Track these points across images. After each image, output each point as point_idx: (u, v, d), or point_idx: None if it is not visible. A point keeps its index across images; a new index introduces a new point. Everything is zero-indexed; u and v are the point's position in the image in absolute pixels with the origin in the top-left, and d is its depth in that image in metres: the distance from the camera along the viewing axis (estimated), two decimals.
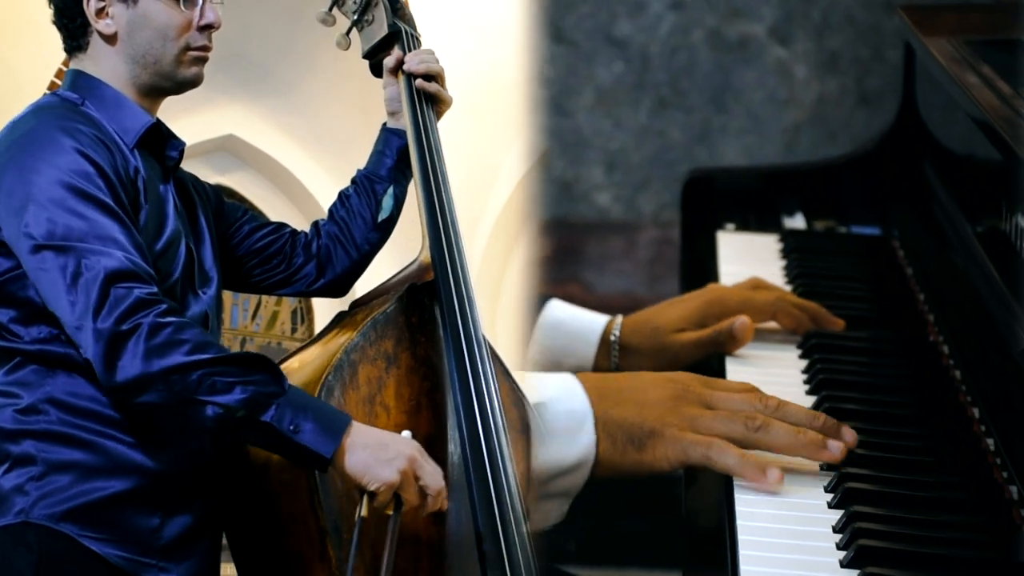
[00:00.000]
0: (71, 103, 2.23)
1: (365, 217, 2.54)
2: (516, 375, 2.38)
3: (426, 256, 2.35)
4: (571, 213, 4.39)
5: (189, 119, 5.52)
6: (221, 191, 2.55)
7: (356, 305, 2.36)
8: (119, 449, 2.14)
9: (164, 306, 2.03)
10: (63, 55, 2.34)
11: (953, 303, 2.52)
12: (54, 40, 2.34)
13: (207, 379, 2.00)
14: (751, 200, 3.24)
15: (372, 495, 2.04)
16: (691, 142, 4.27)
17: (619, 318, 2.65)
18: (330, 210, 2.57)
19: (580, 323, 2.68)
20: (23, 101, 2.35)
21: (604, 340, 2.63)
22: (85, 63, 2.27)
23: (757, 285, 2.66)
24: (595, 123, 4.32)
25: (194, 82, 2.29)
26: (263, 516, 2.17)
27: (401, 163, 2.53)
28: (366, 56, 2.56)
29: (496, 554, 2.11)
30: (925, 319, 2.60)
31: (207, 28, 2.27)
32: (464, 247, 2.42)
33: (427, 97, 2.48)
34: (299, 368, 2.21)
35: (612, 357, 2.62)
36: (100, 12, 2.24)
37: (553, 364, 2.65)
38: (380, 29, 2.54)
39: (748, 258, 2.96)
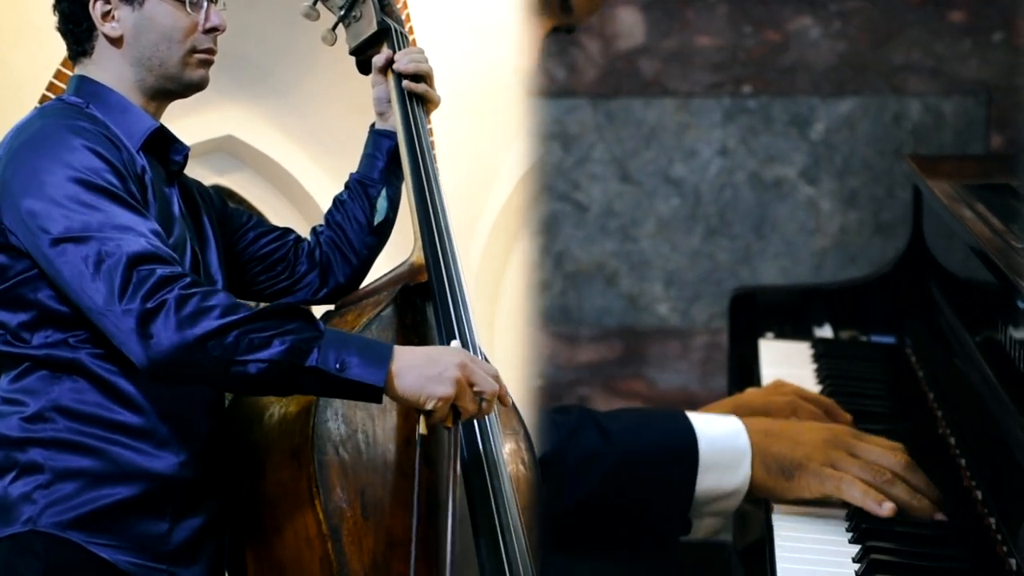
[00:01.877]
0: (76, 106, 1.94)
1: (360, 221, 2.20)
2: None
3: (418, 257, 2.02)
4: (636, 322, 4.39)
5: (188, 120, 4.72)
6: (225, 196, 2.23)
7: (344, 305, 2.07)
8: (126, 455, 1.86)
9: (188, 279, 1.76)
10: (62, 57, 2.11)
11: (958, 402, 2.50)
12: (53, 42, 2.05)
13: (244, 338, 1.72)
14: (787, 313, 3.23)
15: (429, 413, 1.77)
16: (736, 264, 4.27)
17: None
18: (326, 216, 2.24)
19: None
20: (22, 102, 2.16)
21: None
22: (90, 68, 1.98)
23: (779, 386, 2.65)
24: (656, 248, 4.33)
25: (200, 85, 2.01)
26: (260, 519, 1.90)
27: (392, 164, 2.18)
28: (353, 52, 2.21)
29: (494, 556, 1.86)
30: (935, 415, 2.58)
31: (212, 31, 1.99)
32: (457, 248, 2.05)
33: (416, 97, 2.14)
34: None
35: None
36: (106, 15, 1.94)
37: None
38: (368, 26, 2.17)
39: (785, 362, 2.95)
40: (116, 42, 1.95)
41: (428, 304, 2.01)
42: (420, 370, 1.75)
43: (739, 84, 4.19)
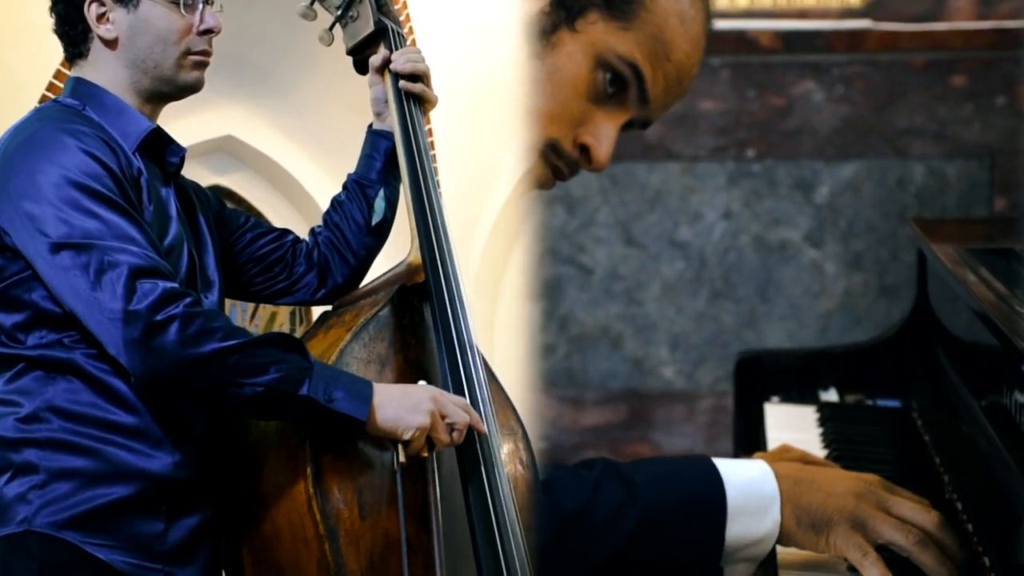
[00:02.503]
0: (72, 108, 1.92)
1: (359, 222, 2.18)
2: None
3: (415, 257, 2.02)
4: (641, 385, 4.39)
5: (187, 120, 4.78)
6: (223, 197, 2.21)
7: (341, 306, 2.07)
8: (120, 455, 1.85)
9: (191, 298, 1.77)
10: (61, 57, 2.03)
11: (964, 466, 2.50)
12: (52, 42, 2.04)
13: (243, 362, 1.75)
14: (792, 377, 3.23)
15: (407, 443, 1.82)
16: (741, 326, 4.28)
17: None
18: (324, 217, 2.23)
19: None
20: (21, 102, 2.11)
21: None
22: (86, 70, 1.96)
23: (785, 451, 2.64)
24: (661, 311, 4.34)
25: (195, 87, 1.99)
26: (257, 521, 1.90)
27: (390, 165, 2.17)
28: (350, 52, 2.20)
29: (491, 556, 1.87)
30: (941, 479, 2.57)
31: (207, 33, 1.98)
32: (454, 248, 2.05)
33: (413, 96, 2.13)
34: None
35: None
36: (101, 17, 1.93)
37: None
38: (365, 26, 2.16)
39: (790, 426, 2.95)
40: (111, 44, 1.95)
41: (425, 304, 2.02)
42: (398, 403, 1.82)
43: (743, 148, 4.22)
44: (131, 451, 1.86)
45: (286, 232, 2.22)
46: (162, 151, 1.98)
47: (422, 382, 1.90)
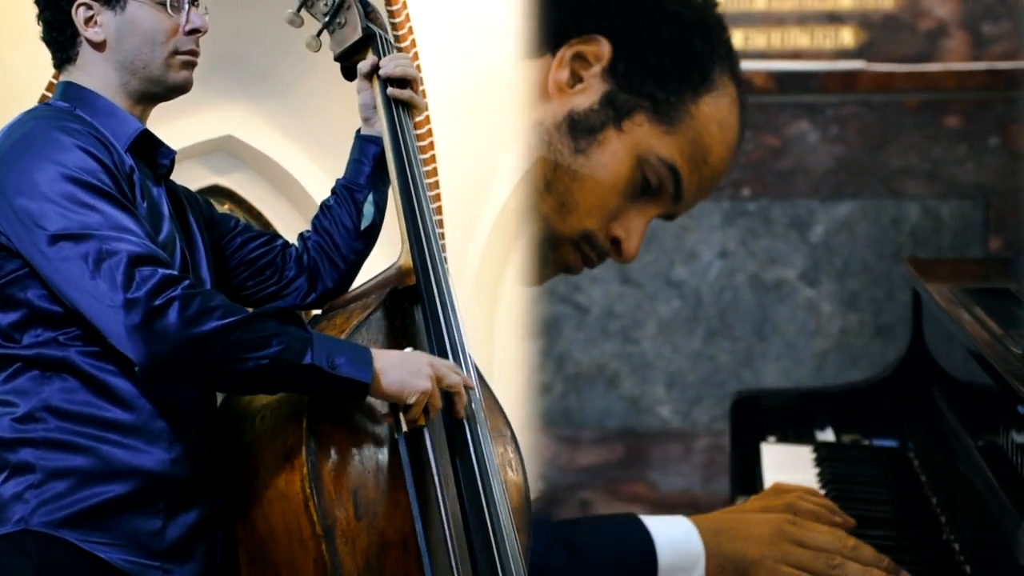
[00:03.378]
0: (63, 109, 1.93)
1: (348, 226, 2.19)
2: None
3: (406, 261, 2.04)
4: (638, 424, 4.39)
5: (187, 120, 4.82)
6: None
7: (332, 309, 2.08)
8: (117, 453, 1.84)
9: (188, 280, 1.79)
10: None
11: (961, 506, 2.50)
12: None
13: (245, 337, 1.77)
14: (789, 417, 3.23)
15: (408, 408, 1.84)
16: (737, 365, 4.29)
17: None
18: (313, 222, 2.24)
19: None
20: (20, 103, 2.09)
21: None
22: (75, 74, 1.97)
23: (779, 490, 2.65)
24: (657, 349, 4.35)
25: (183, 87, 1.99)
26: (253, 520, 1.89)
27: (379, 169, 2.19)
28: (338, 58, 2.21)
29: (486, 554, 1.88)
30: (939, 520, 2.57)
31: (194, 32, 1.98)
32: (442, 251, 2.06)
33: (402, 102, 2.15)
34: None
35: None
36: (88, 20, 1.94)
37: None
38: (353, 32, 2.18)
39: (787, 466, 2.95)
40: (99, 47, 1.96)
41: (416, 307, 2.04)
42: (400, 368, 1.85)
43: (738, 187, 4.24)
44: (127, 449, 1.86)
45: (275, 236, 2.24)
46: (153, 152, 1.99)
47: (408, 348, 1.92)
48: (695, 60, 2.26)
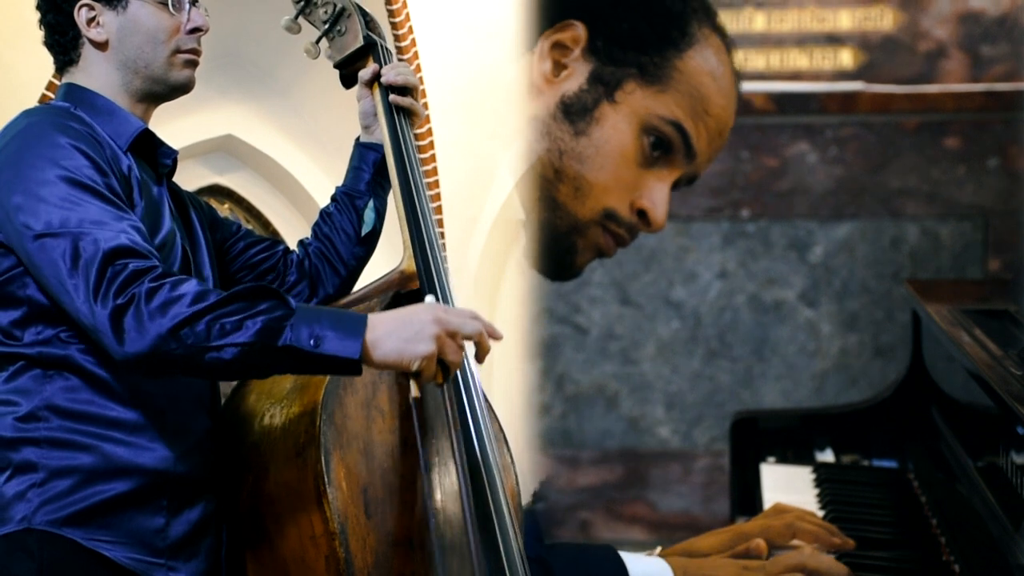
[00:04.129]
0: (62, 108, 1.94)
1: (348, 233, 2.20)
2: None
3: (408, 265, 2.02)
4: (638, 444, 4.39)
5: (187, 119, 4.76)
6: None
7: None
8: (119, 451, 1.83)
9: (158, 270, 1.75)
10: None
11: (960, 527, 2.50)
12: None
13: (215, 324, 1.71)
14: (788, 437, 3.23)
15: (417, 373, 1.76)
16: (736, 386, 4.29)
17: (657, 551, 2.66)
18: (313, 229, 2.23)
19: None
20: (21, 102, 2.08)
21: None
22: (77, 76, 1.97)
23: (779, 510, 2.66)
24: (657, 370, 4.35)
25: (186, 86, 1.99)
26: (261, 518, 1.87)
27: (378, 176, 2.19)
28: (338, 66, 2.21)
29: (491, 553, 1.85)
30: (938, 541, 2.57)
31: (195, 31, 1.98)
32: (444, 256, 2.06)
33: (402, 109, 2.15)
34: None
35: None
36: (91, 21, 1.95)
37: None
38: (354, 40, 2.18)
39: (787, 487, 2.95)
40: (102, 47, 1.96)
41: None
42: (397, 334, 1.75)
43: (738, 208, 4.25)
44: (130, 446, 1.85)
45: (277, 242, 2.23)
46: (154, 152, 1.99)
47: (429, 297, 1.89)
48: (670, 19, 2.26)
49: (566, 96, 2.27)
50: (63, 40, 1.97)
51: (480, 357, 1.84)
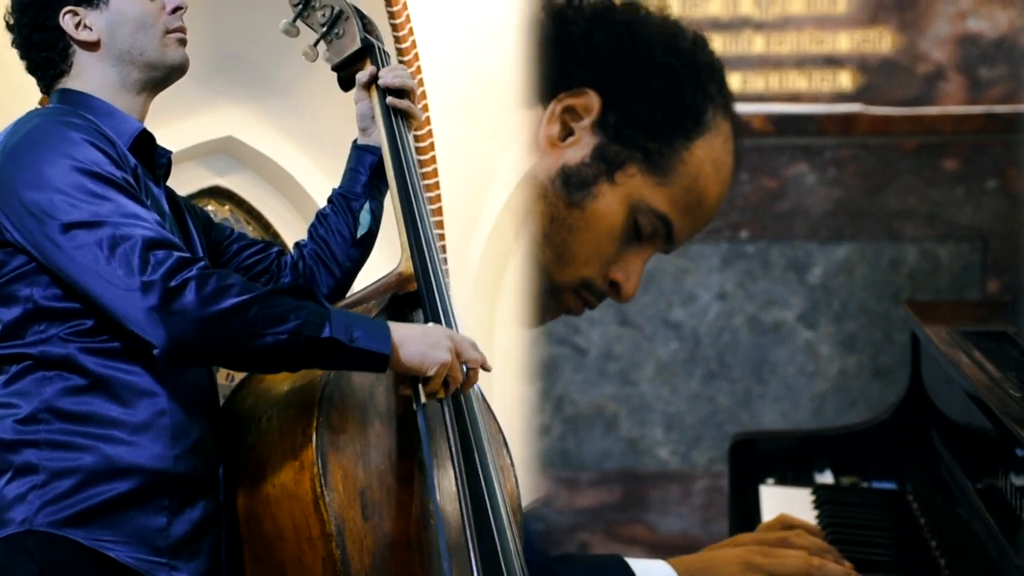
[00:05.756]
0: (67, 109, 1.97)
1: (344, 234, 2.23)
2: None
3: (406, 267, 2.06)
4: (636, 465, 4.38)
5: (188, 121, 4.85)
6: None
7: None
8: (119, 451, 1.85)
9: (203, 261, 1.81)
10: None
11: (960, 549, 2.50)
12: None
13: (263, 313, 1.77)
14: (788, 459, 3.23)
15: (427, 381, 1.86)
16: (735, 407, 4.29)
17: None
18: (309, 230, 2.26)
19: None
20: (21, 101, 2.11)
21: None
22: (70, 83, 2.00)
23: (783, 523, 2.67)
24: (656, 391, 4.34)
25: (182, 66, 2.02)
26: (259, 520, 1.90)
27: (375, 179, 2.22)
28: (336, 68, 2.23)
29: (489, 555, 1.89)
30: (938, 563, 2.57)
31: (177, 9, 2.02)
32: (442, 258, 2.11)
33: (400, 112, 2.18)
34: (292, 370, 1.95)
35: None
36: (78, 25, 1.98)
37: None
38: (352, 43, 2.20)
39: (787, 509, 2.91)
40: (93, 47, 1.99)
41: (416, 312, 2.07)
42: (420, 340, 1.87)
43: (737, 229, 4.25)
44: (130, 446, 1.86)
45: (271, 244, 2.26)
46: (151, 152, 2.02)
47: (431, 324, 1.96)
48: (687, 110, 2.29)
49: (568, 166, 2.30)
50: (52, 54, 1.99)
51: (464, 388, 1.95)
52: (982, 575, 2.28)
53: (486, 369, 1.95)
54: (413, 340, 1.86)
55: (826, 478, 3.19)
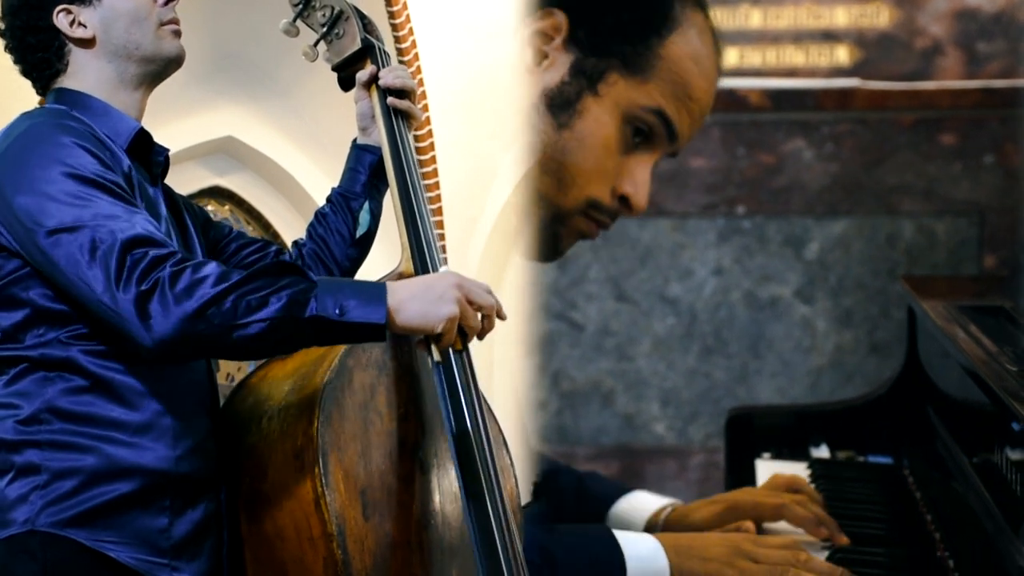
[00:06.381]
0: (60, 110, 1.94)
1: (343, 234, 2.21)
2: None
3: (407, 267, 2.03)
4: (633, 440, 4.39)
5: (187, 121, 4.72)
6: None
7: None
8: (121, 452, 1.84)
9: (178, 255, 1.77)
10: None
11: (955, 523, 2.50)
12: None
13: (240, 301, 1.74)
14: (784, 434, 3.23)
15: (439, 337, 1.81)
16: (732, 382, 4.29)
17: (669, 508, 2.64)
18: (308, 229, 2.24)
19: (636, 512, 2.69)
20: (21, 101, 2.10)
21: (652, 525, 2.62)
22: (66, 82, 1.98)
23: (776, 484, 2.67)
24: (652, 366, 4.35)
25: (178, 58, 2.00)
26: (260, 519, 1.90)
27: (374, 178, 2.20)
28: (336, 68, 2.21)
29: (490, 552, 1.86)
30: (933, 537, 2.57)
31: (170, 1, 2.00)
32: (442, 258, 2.08)
33: (400, 112, 2.16)
34: (295, 370, 1.93)
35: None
36: (72, 23, 1.96)
37: None
38: (352, 43, 2.19)
39: None
40: (89, 44, 1.97)
41: None
42: (421, 298, 1.80)
43: (733, 205, 4.24)
44: (132, 447, 1.85)
45: (269, 243, 2.25)
46: (148, 151, 2.00)
47: (443, 267, 1.94)
48: (653, 7, 2.25)
49: (548, 89, 2.26)
50: (48, 54, 1.97)
51: (482, 334, 1.87)
52: (977, 549, 2.28)
53: (501, 317, 1.88)
54: (413, 299, 1.80)
55: (822, 452, 3.19)
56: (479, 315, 1.86)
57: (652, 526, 2.64)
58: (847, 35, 4.27)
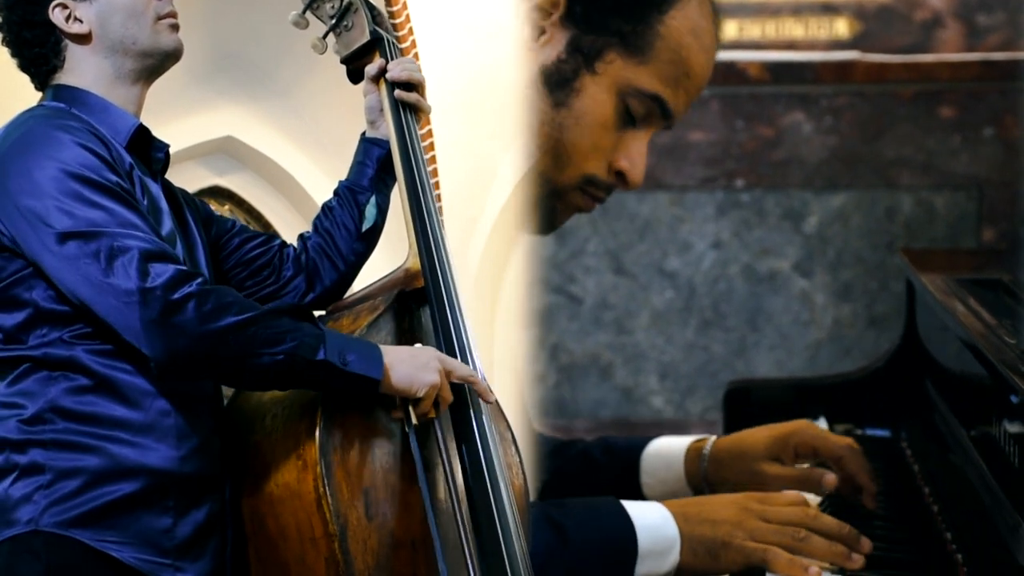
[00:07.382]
0: (59, 108, 1.92)
1: (349, 228, 2.19)
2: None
3: (413, 263, 2.04)
4: (631, 414, 4.39)
5: (187, 121, 4.73)
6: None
7: (338, 310, 2.07)
8: (125, 452, 1.84)
9: (202, 277, 1.81)
10: None
11: (953, 496, 2.50)
12: None
13: (261, 333, 1.79)
14: (782, 407, 3.22)
15: (417, 402, 1.86)
16: (730, 356, 4.29)
17: (712, 438, 2.62)
18: (314, 223, 2.23)
19: (671, 447, 2.68)
20: (21, 101, 2.07)
21: (695, 456, 2.58)
22: (64, 78, 1.96)
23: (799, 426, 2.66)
24: (651, 340, 4.35)
25: (176, 52, 1.98)
26: (263, 519, 1.89)
27: (382, 172, 2.18)
28: (345, 61, 2.19)
29: (496, 555, 1.88)
30: (931, 510, 2.57)
31: None
32: (450, 254, 2.09)
33: (408, 105, 2.14)
34: None
35: (701, 469, 2.59)
36: (68, 19, 1.93)
37: (660, 483, 2.63)
38: (360, 35, 2.17)
39: None
40: (85, 39, 1.95)
41: (423, 309, 2.05)
42: (408, 363, 1.88)
43: (732, 178, 4.23)
44: (136, 447, 1.85)
45: (273, 237, 2.23)
46: (148, 147, 1.98)
47: (418, 344, 1.96)
48: None
49: (545, 66, 2.24)
50: (44, 49, 1.95)
51: (474, 400, 1.95)
52: (975, 522, 2.28)
53: (478, 390, 1.95)
54: (401, 363, 1.87)
55: (820, 425, 3.19)
56: (458, 388, 1.91)
57: (697, 457, 2.59)
58: (846, 7, 4.25)
